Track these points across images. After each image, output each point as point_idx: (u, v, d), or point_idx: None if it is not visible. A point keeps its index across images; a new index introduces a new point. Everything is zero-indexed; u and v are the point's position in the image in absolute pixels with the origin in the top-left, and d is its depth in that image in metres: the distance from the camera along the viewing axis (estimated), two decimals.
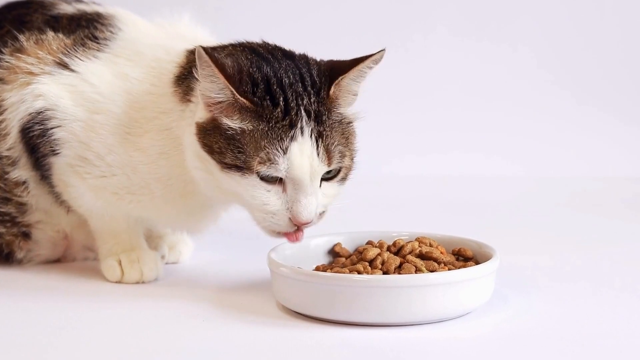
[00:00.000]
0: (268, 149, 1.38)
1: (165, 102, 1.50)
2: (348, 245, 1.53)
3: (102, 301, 1.53)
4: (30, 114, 1.54)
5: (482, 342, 1.34)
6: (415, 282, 1.36)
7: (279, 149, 1.38)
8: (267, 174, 1.39)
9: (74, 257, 1.72)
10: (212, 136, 1.40)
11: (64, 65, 1.55)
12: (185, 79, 1.48)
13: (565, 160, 2.50)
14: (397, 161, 2.48)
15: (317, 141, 1.40)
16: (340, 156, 1.43)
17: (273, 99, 1.40)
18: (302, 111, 1.40)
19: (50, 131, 1.54)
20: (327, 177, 1.43)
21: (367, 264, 1.43)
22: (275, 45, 1.50)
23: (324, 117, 1.42)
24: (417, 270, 1.41)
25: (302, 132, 1.39)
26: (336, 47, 2.22)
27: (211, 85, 1.39)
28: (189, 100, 1.46)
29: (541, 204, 2.20)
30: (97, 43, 1.57)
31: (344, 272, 1.40)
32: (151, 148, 1.50)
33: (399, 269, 1.41)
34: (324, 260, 1.52)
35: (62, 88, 1.54)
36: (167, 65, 1.52)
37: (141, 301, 1.51)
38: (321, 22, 2.59)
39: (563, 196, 2.27)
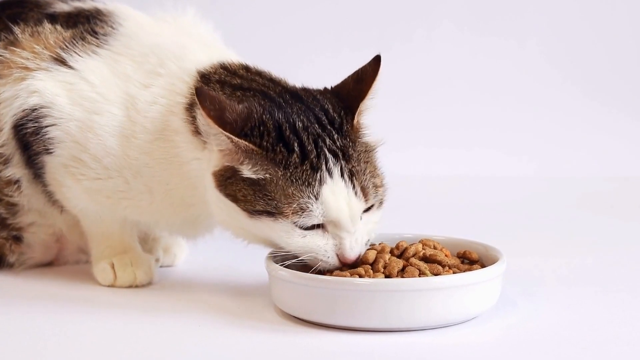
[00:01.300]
0: (298, 196, 1.38)
1: (175, 121, 1.48)
2: None
3: (94, 306, 1.52)
4: (24, 111, 1.54)
5: (488, 348, 1.34)
6: (418, 285, 1.36)
7: (310, 195, 1.38)
8: (304, 223, 1.39)
9: (66, 260, 1.72)
10: (233, 185, 1.40)
11: (62, 61, 1.55)
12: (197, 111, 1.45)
13: (576, 159, 2.50)
14: (400, 160, 2.48)
15: (350, 180, 1.40)
16: (374, 188, 1.43)
17: (287, 145, 1.39)
18: (327, 152, 1.40)
19: (45, 129, 1.54)
20: (366, 208, 1.43)
21: (368, 267, 1.42)
22: (284, 86, 1.49)
23: (351, 152, 1.42)
24: (421, 273, 1.41)
25: (330, 174, 1.39)
26: (339, 42, 2.22)
27: (209, 130, 1.40)
28: (205, 144, 1.44)
29: (550, 205, 2.20)
30: (97, 39, 1.57)
31: (344, 276, 1.40)
32: (155, 152, 1.50)
33: (402, 273, 1.41)
34: None
35: (58, 85, 1.54)
36: (179, 82, 1.50)
37: (134, 306, 1.51)
38: (324, 16, 2.59)
39: (573, 197, 2.27)
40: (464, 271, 1.42)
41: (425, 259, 1.45)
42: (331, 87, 1.48)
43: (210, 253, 1.76)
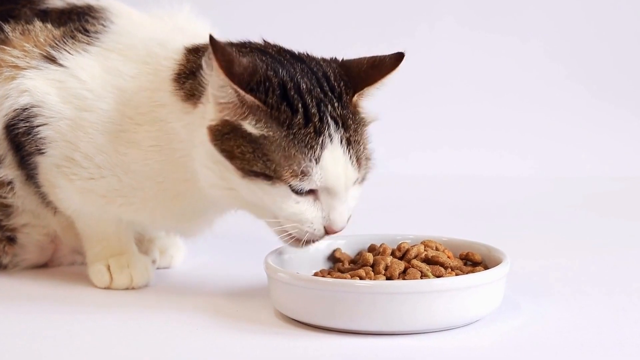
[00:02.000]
0: (299, 158, 1.38)
1: (162, 96, 1.49)
2: (349, 249, 1.54)
3: (89, 308, 1.52)
4: (15, 110, 1.54)
5: (492, 352, 1.34)
6: (420, 288, 1.36)
7: (311, 158, 1.38)
8: (301, 188, 1.39)
9: (61, 261, 1.72)
10: (231, 140, 1.39)
11: (52, 60, 1.55)
12: (187, 78, 1.47)
13: (580, 159, 2.50)
14: (401, 160, 2.48)
15: (347, 148, 1.41)
16: (366, 160, 1.44)
17: (291, 105, 1.39)
18: (329, 118, 1.40)
19: (36, 129, 1.53)
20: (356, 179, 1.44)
21: (369, 268, 1.43)
22: (281, 47, 1.50)
23: (350, 122, 1.42)
24: (423, 275, 1.41)
25: (331, 140, 1.39)
26: (339, 38, 2.22)
27: (217, 80, 1.39)
28: (197, 102, 1.45)
29: (554, 206, 2.20)
30: (88, 36, 1.57)
31: (345, 278, 1.40)
32: (143, 141, 1.50)
33: (403, 274, 1.41)
34: (324, 265, 1.52)
35: (49, 84, 1.54)
36: (164, 61, 1.51)
37: (131, 308, 1.51)
38: (324, 12, 2.59)
39: (578, 197, 2.27)
40: (467, 273, 1.43)
41: (427, 261, 1.45)
42: (342, 60, 1.48)
43: (208, 255, 1.76)
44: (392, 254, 1.46)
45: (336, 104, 1.42)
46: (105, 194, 1.54)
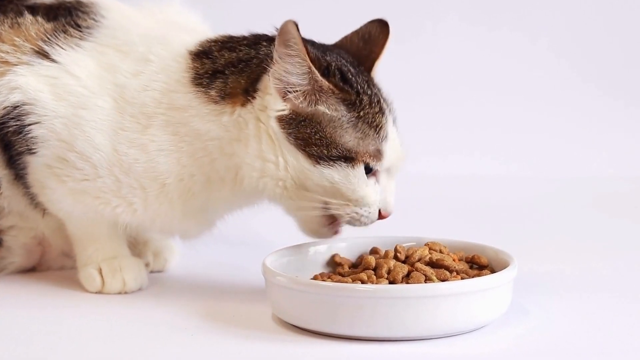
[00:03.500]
0: (373, 137, 1.45)
1: (178, 99, 1.50)
2: (351, 252, 1.54)
3: (80, 314, 1.52)
4: (5, 108, 1.53)
5: (498, 358, 1.34)
6: (424, 292, 1.36)
7: (383, 138, 1.46)
8: (375, 167, 1.46)
9: (49, 265, 1.71)
10: (307, 127, 1.44)
11: (44, 55, 1.55)
12: (211, 78, 1.48)
13: (590, 159, 2.50)
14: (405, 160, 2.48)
15: (396, 129, 1.50)
16: None
17: (353, 87, 1.46)
18: (381, 99, 1.48)
19: (28, 128, 1.53)
20: None
21: (371, 272, 1.42)
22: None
23: (390, 103, 1.50)
24: (427, 279, 1.41)
25: (388, 120, 1.47)
26: (340, 35, 2.22)
27: (293, 68, 1.43)
28: (236, 100, 1.47)
29: (564, 207, 2.20)
30: (80, 31, 1.57)
31: (346, 282, 1.40)
32: (150, 144, 1.50)
33: (406, 278, 1.41)
34: (323, 269, 1.52)
35: (42, 80, 1.53)
36: (172, 63, 1.52)
37: (123, 314, 1.51)
38: (324, 8, 2.60)
39: (588, 198, 2.28)
40: (473, 277, 1.42)
41: (432, 264, 1.44)
42: (333, 44, 1.54)
43: (203, 257, 1.76)
44: (395, 257, 1.46)
45: (374, 86, 1.49)
46: (99, 196, 1.54)
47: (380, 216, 1.47)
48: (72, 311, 1.53)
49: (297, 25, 1.41)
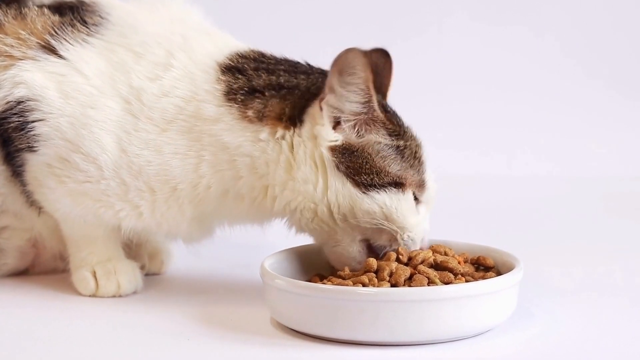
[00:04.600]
0: (418, 168, 1.50)
1: (207, 109, 1.49)
2: None
3: (73, 318, 1.52)
4: (7, 103, 1.53)
5: None
6: (427, 295, 1.35)
7: (425, 168, 1.51)
8: (420, 196, 1.50)
9: (43, 267, 1.71)
10: (360, 158, 1.47)
11: (51, 50, 1.54)
12: (247, 96, 1.49)
13: (599, 158, 2.51)
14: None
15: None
16: None
17: (395, 117, 1.51)
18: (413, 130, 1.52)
19: (31, 125, 1.52)
20: None
21: (373, 275, 1.41)
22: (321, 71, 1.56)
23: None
24: (430, 282, 1.40)
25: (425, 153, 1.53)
26: (344, 34, 2.22)
27: (354, 96, 1.46)
28: (290, 126, 1.48)
29: (571, 207, 2.21)
30: (87, 28, 1.56)
31: (346, 285, 1.39)
32: (166, 147, 1.50)
33: (409, 281, 1.41)
34: (324, 271, 1.51)
35: (48, 77, 1.52)
36: (199, 72, 1.52)
37: (118, 317, 1.51)
38: (330, 7, 2.60)
39: (597, 198, 2.28)
40: (478, 279, 1.42)
41: (436, 266, 1.44)
42: None
43: (200, 260, 1.75)
44: (397, 259, 1.45)
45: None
46: (100, 199, 1.53)
47: (420, 245, 1.49)
48: (65, 315, 1.52)
49: (362, 53, 1.44)
